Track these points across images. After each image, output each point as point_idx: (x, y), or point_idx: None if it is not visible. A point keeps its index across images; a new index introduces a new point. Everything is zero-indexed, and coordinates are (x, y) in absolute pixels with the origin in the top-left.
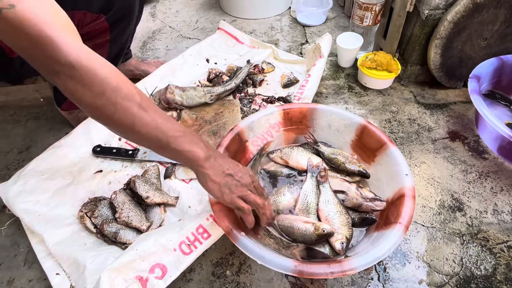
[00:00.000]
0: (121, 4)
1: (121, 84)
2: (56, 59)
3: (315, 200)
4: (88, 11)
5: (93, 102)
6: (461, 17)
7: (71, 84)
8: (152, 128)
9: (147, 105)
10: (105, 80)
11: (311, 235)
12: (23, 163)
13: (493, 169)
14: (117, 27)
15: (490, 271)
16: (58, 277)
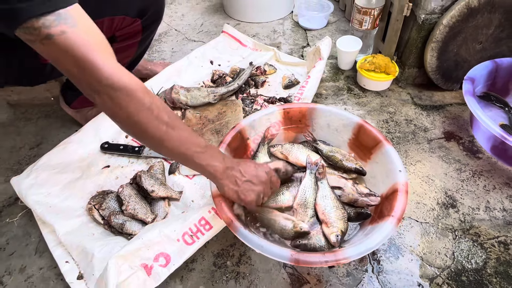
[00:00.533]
0: (155, 9)
1: (153, 104)
2: (98, 81)
3: (313, 196)
4: (127, 15)
5: (128, 120)
6: (456, 21)
7: (110, 103)
8: (178, 145)
9: (174, 123)
10: (140, 101)
11: (289, 231)
12: (34, 158)
13: (486, 168)
14: (148, 29)
15: (480, 264)
16: (68, 265)
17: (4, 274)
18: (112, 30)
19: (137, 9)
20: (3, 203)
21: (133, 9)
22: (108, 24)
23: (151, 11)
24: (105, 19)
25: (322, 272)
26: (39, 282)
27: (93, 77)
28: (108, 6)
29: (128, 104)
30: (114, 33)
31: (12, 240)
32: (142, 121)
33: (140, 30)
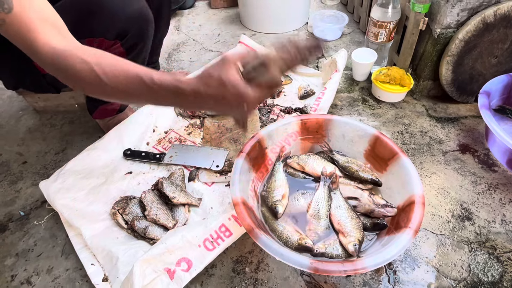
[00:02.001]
0: (135, 31)
1: (83, 70)
2: (42, 61)
3: (326, 207)
4: (104, 38)
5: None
6: (471, 36)
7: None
8: (123, 88)
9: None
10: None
11: (293, 242)
12: (59, 163)
13: (502, 181)
14: (132, 51)
15: (497, 278)
16: (93, 267)
17: (32, 274)
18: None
19: (114, 32)
20: (31, 206)
21: (110, 32)
22: (89, 45)
23: (131, 33)
24: (85, 41)
25: (339, 281)
26: (65, 283)
27: (37, 58)
28: (86, 28)
29: (66, 77)
30: None
31: (39, 241)
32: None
33: (123, 52)
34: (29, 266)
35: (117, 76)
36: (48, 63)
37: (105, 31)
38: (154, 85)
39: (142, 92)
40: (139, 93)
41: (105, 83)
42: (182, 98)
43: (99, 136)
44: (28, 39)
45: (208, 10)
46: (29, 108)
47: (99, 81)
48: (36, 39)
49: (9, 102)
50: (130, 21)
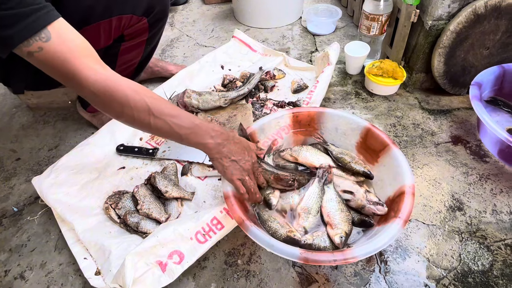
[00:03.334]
0: (160, 8)
1: (134, 100)
2: (80, 87)
3: (317, 203)
4: (134, 14)
5: (116, 117)
6: (463, 27)
7: (96, 103)
8: (166, 131)
9: (159, 111)
10: (121, 100)
11: (282, 234)
12: (53, 159)
13: (493, 172)
14: (154, 27)
15: (487, 266)
16: (86, 261)
17: (26, 269)
18: (121, 29)
19: (143, 8)
20: (24, 202)
21: (140, 8)
22: (117, 23)
23: (157, 10)
24: (113, 19)
25: (331, 272)
26: (58, 277)
27: (76, 84)
28: (116, 6)
29: (111, 104)
30: (122, 32)
31: (33, 237)
32: (127, 115)
33: (147, 28)
34: (22, 261)
35: (168, 115)
36: (92, 91)
37: (135, 8)
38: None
39: (175, 136)
40: (174, 137)
41: (152, 112)
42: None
43: (92, 132)
44: (69, 68)
45: (202, 6)
46: (22, 105)
47: (148, 110)
48: (78, 68)
49: (2, 99)
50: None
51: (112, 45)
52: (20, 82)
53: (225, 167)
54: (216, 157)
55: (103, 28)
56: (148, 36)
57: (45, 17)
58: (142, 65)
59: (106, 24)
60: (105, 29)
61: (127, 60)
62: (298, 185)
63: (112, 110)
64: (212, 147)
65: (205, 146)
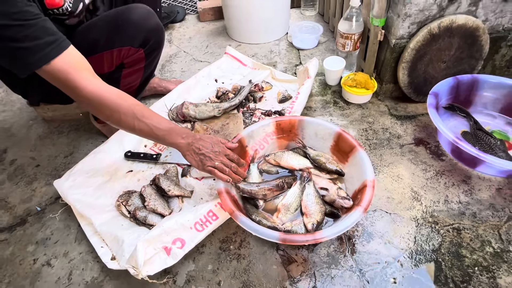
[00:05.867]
0: (155, 40)
1: (121, 105)
2: (78, 96)
3: (296, 202)
4: (132, 46)
5: (106, 119)
6: (421, 45)
7: (90, 109)
8: (147, 131)
9: (142, 115)
10: (110, 105)
11: (266, 224)
12: (68, 165)
13: (448, 168)
14: (150, 56)
15: (436, 246)
16: (103, 249)
17: (51, 258)
18: (121, 58)
19: (140, 41)
20: (46, 202)
21: (137, 41)
22: (117, 53)
23: (152, 42)
24: (114, 50)
25: (308, 254)
26: (80, 263)
27: (74, 92)
28: (117, 40)
29: (104, 109)
30: (122, 61)
31: (55, 231)
32: (115, 119)
33: (143, 57)
34: (48, 251)
35: (149, 119)
36: (87, 97)
37: (132, 41)
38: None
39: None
40: (153, 137)
41: (136, 116)
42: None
43: (102, 141)
44: (69, 79)
45: (198, 23)
46: (38, 118)
47: (133, 115)
48: (78, 81)
49: (19, 113)
50: (151, 32)
51: (115, 71)
52: (36, 96)
53: (197, 161)
54: (187, 154)
55: (106, 58)
56: (145, 64)
57: (59, 48)
58: (143, 85)
59: (109, 54)
60: (108, 58)
61: (128, 83)
62: (287, 185)
63: (102, 114)
64: (183, 146)
65: (178, 145)
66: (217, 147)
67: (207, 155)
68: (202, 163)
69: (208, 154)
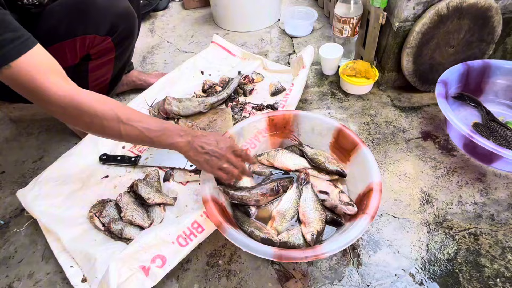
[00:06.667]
0: (124, 26)
1: (102, 110)
2: (48, 105)
3: (292, 208)
4: (97, 34)
5: (87, 129)
6: (428, 28)
7: (66, 119)
8: (137, 136)
9: (127, 118)
10: (89, 111)
11: (259, 235)
12: (37, 171)
13: (459, 165)
14: (121, 46)
15: (452, 255)
16: (72, 269)
17: (14, 280)
18: (86, 48)
19: (106, 28)
20: (10, 214)
21: (102, 29)
22: (81, 43)
23: (121, 29)
24: (77, 39)
25: (307, 268)
26: (46, 286)
27: (42, 100)
28: (79, 27)
29: (81, 117)
30: (88, 51)
31: (20, 248)
32: (97, 126)
33: (112, 47)
34: (10, 272)
35: (137, 121)
36: (60, 105)
37: (97, 28)
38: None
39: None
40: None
41: (121, 120)
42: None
43: (76, 143)
44: (35, 85)
45: (182, 11)
46: (4, 118)
47: (117, 119)
48: (45, 84)
49: None
50: (120, 17)
51: (80, 64)
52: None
53: (201, 162)
54: (190, 154)
55: (68, 48)
56: (116, 55)
57: (22, 46)
58: (116, 80)
59: (71, 44)
60: (70, 48)
61: (98, 77)
62: (283, 189)
63: (81, 122)
64: (183, 145)
65: (176, 145)
66: (222, 142)
67: (212, 154)
68: (209, 164)
69: (214, 153)
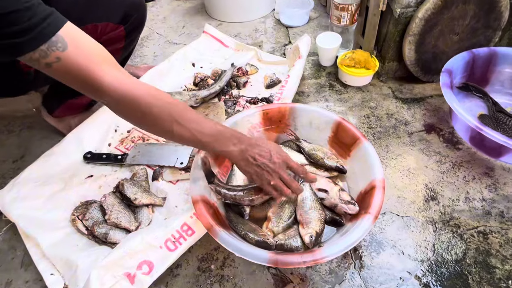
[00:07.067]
0: (136, 16)
1: (157, 107)
2: (101, 94)
3: (289, 208)
4: (110, 22)
5: (138, 123)
6: (431, 14)
7: (119, 111)
8: (189, 138)
9: (182, 118)
10: (145, 106)
11: (253, 237)
12: (18, 171)
13: (466, 159)
14: (130, 36)
15: (460, 255)
16: (53, 277)
17: None
18: (97, 36)
19: (119, 16)
20: None
21: (116, 16)
22: (92, 30)
23: (133, 18)
24: (88, 26)
25: (305, 271)
26: None
27: (96, 92)
28: (92, 14)
29: (134, 111)
30: (99, 39)
31: None
32: (149, 123)
33: (123, 36)
34: None
35: (191, 122)
36: (116, 97)
37: (111, 16)
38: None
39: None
40: (196, 144)
41: (175, 119)
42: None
43: (59, 140)
44: (89, 76)
45: (172, 1)
46: None
47: (171, 118)
48: (99, 75)
49: None
50: (133, 6)
51: None
52: None
53: (251, 173)
54: (241, 164)
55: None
56: (124, 44)
57: (56, 22)
58: None
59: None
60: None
61: None
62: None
63: (133, 116)
64: (236, 154)
65: (229, 153)
66: (276, 156)
67: (264, 168)
68: (259, 177)
69: (265, 167)
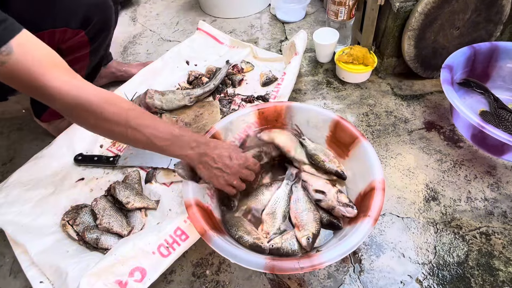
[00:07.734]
0: (99, 18)
1: (112, 112)
2: (52, 101)
3: (283, 208)
4: (68, 27)
5: (93, 129)
6: (431, 8)
7: (72, 117)
8: (145, 142)
9: (137, 123)
10: (98, 113)
11: (248, 240)
12: (7, 174)
13: (467, 157)
14: (96, 40)
15: (462, 258)
16: (42, 285)
17: None
18: (56, 43)
19: (78, 20)
20: None
21: (74, 21)
22: (49, 37)
23: (95, 21)
24: (45, 33)
25: (303, 276)
26: None
27: (45, 97)
28: (47, 19)
29: (88, 117)
30: (58, 46)
31: None
32: (104, 129)
33: (87, 41)
34: None
35: (146, 126)
36: (66, 103)
37: (68, 20)
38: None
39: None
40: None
41: (130, 125)
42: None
43: (50, 142)
44: (37, 81)
45: None
46: None
47: (125, 122)
48: (47, 79)
49: None
50: (93, 8)
51: None
52: None
53: (211, 176)
54: (200, 167)
55: None
56: (91, 49)
57: (6, 32)
58: (91, 76)
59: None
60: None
61: None
62: (266, 157)
63: (86, 122)
64: (194, 158)
65: (187, 157)
66: (236, 158)
67: (225, 170)
68: (219, 180)
69: (226, 169)
